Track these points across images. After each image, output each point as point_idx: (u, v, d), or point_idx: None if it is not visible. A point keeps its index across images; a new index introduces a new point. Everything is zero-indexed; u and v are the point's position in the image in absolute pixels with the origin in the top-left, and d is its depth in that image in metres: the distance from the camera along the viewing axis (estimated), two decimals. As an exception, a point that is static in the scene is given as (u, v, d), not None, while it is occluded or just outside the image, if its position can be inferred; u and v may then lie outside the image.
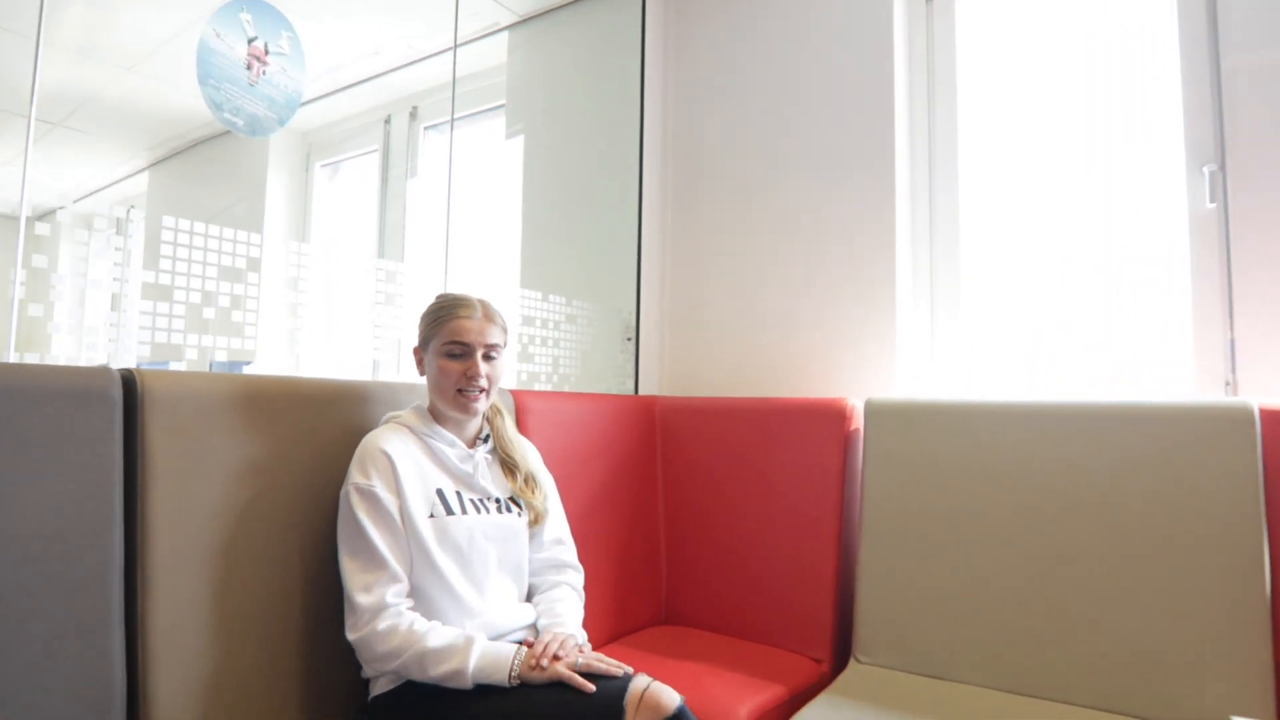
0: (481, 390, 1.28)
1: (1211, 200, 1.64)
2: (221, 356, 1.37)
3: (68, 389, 1.02)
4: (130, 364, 1.26)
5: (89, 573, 1.01)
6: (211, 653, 1.13)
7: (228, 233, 1.36)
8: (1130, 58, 1.81)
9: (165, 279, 1.29)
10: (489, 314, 1.31)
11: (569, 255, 2.21)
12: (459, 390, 1.27)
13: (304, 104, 1.50)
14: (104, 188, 1.26)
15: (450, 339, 1.27)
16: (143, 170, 1.31)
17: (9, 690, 0.94)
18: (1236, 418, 1.34)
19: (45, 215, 1.17)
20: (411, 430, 1.28)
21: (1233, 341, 1.60)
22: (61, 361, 1.18)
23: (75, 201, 1.21)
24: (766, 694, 1.46)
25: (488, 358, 1.29)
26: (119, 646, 1.04)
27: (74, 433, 1.01)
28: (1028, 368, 1.87)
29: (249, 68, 1.39)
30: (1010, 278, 1.92)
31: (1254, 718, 1.23)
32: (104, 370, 1.06)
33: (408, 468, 1.22)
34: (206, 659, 1.12)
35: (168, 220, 1.29)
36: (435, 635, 1.13)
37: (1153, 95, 1.76)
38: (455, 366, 1.27)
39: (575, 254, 2.22)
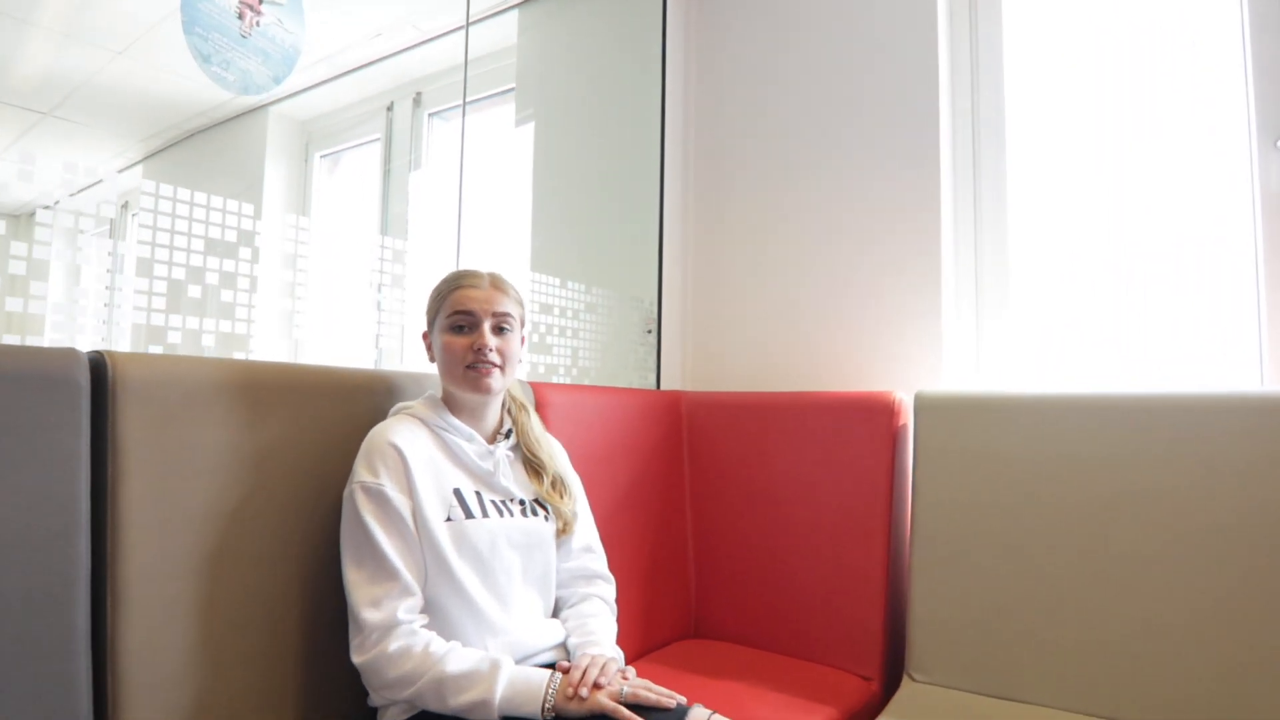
0: (494, 365, 1.12)
1: (1287, 177, 1.52)
2: (209, 341, 1.22)
3: (24, 373, 0.87)
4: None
5: (50, 584, 0.87)
6: (193, 677, 0.98)
7: (216, 201, 1.22)
8: (1185, 33, 1.69)
9: (145, 251, 1.15)
10: (498, 284, 1.17)
11: (584, 244, 2.07)
12: (468, 367, 1.12)
13: (302, 92, 1.38)
14: (95, 184, 1.13)
15: (454, 310, 1.13)
16: (136, 164, 1.18)
17: (-49, 727, 0.80)
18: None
19: (35, 214, 1.06)
20: (424, 422, 1.13)
21: (1310, 329, 1.47)
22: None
23: (57, 202, 1.08)
24: (819, 717, 1.31)
25: (499, 330, 1.14)
26: (84, 670, 0.90)
27: (32, 423, 0.87)
28: (1081, 359, 1.74)
29: (241, 17, 1.24)
30: (1061, 264, 1.78)
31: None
32: (69, 352, 0.92)
33: (421, 464, 1.07)
34: (188, 684, 0.98)
35: (147, 185, 1.14)
36: (455, 658, 0.98)
37: (1212, 70, 1.63)
38: (461, 341, 1.12)
39: (591, 243, 2.09)
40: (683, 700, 0.98)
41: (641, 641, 1.63)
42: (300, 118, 1.46)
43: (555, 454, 1.25)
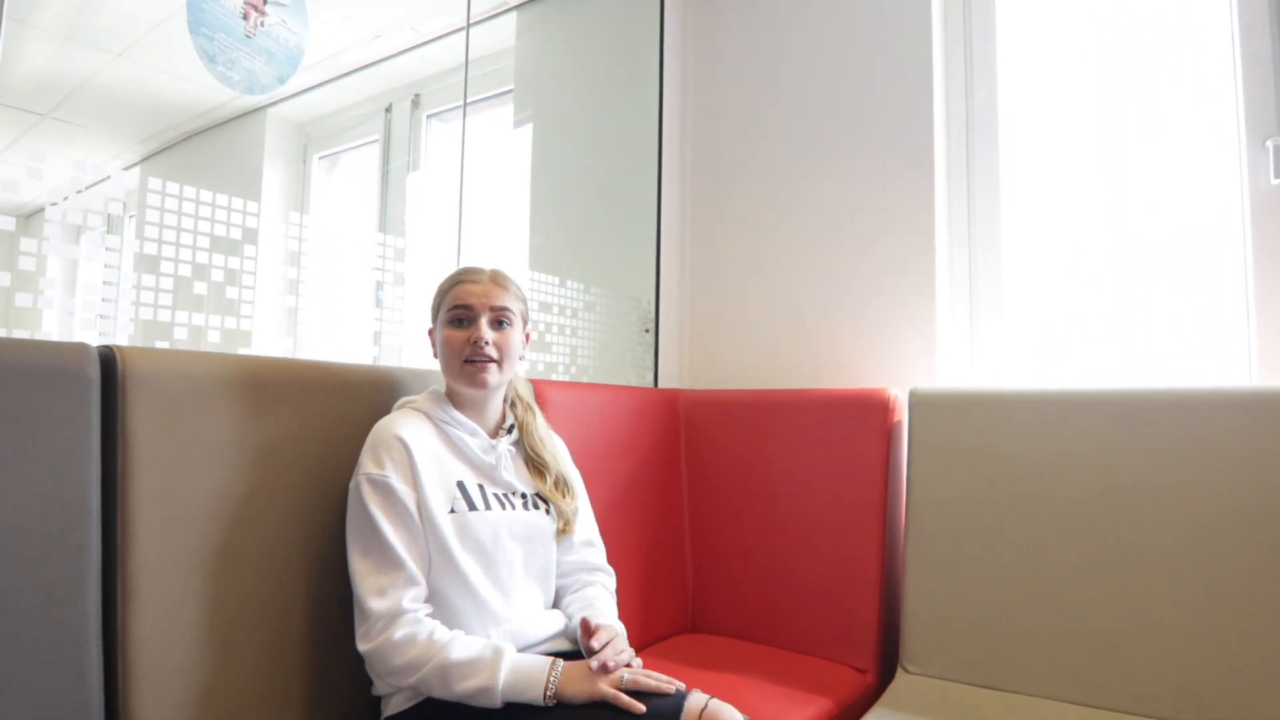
0: (491, 360, 1.14)
1: (1276, 176, 1.54)
2: (214, 338, 1.24)
3: (36, 366, 0.88)
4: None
5: (61, 577, 0.89)
6: (202, 667, 1.00)
7: (221, 199, 1.23)
8: (1175, 34, 1.71)
9: (152, 248, 1.16)
10: (498, 279, 1.19)
11: (583, 244, 2.09)
12: (465, 361, 1.14)
13: (300, 94, 1.39)
14: (101, 180, 1.14)
15: (454, 304, 1.16)
16: (134, 165, 1.19)
17: (-34, 713, 0.81)
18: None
19: (34, 214, 1.07)
20: (428, 416, 1.15)
21: (1298, 325, 1.49)
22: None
23: (65, 198, 1.09)
24: (814, 708, 1.33)
25: (497, 325, 1.16)
26: (96, 660, 0.91)
27: (43, 417, 0.88)
28: (1074, 356, 1.76)
29: (245, 17, 1.26)
30: (1054, 262, 1.81)
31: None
32: (79, 346, 0.93)
33: (425, 457, 1.09)
34: (196, 674, 0.99)
35: (154, 183, 1.16)
36: (459, 646, 1.00)
37: (1203, 70, 1.66)
38: (459, 335, 1.14)
39: (589, 243, 2.10)
40: (681, 686, 1.01)
41: (639, 636, 1.64)
42: (298, 119, 1.46)
43: (559, 454, 1.27)
